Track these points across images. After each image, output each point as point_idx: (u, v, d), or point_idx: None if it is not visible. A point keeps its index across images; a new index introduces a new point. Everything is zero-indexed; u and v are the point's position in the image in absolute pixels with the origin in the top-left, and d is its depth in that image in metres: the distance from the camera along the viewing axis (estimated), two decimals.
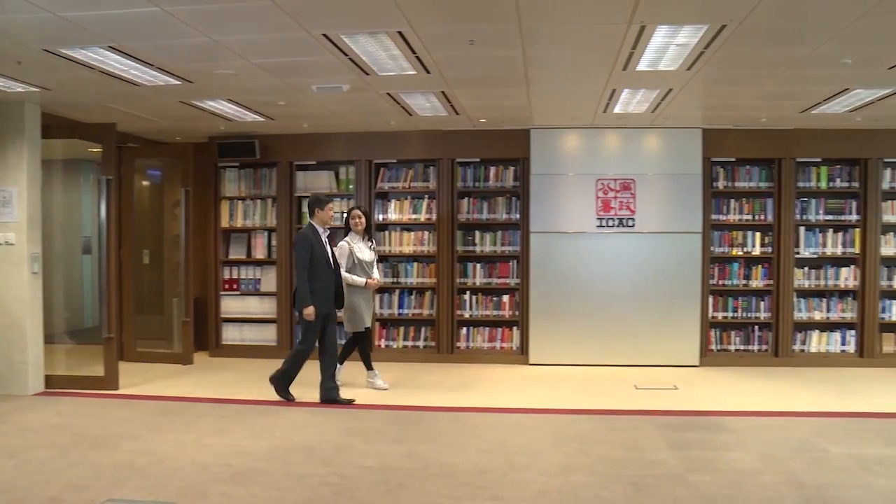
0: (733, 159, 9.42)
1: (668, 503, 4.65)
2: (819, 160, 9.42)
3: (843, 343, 9.45)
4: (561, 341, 9.23)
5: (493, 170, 9.56)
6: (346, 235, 7.75)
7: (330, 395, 7.22)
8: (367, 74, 6.40)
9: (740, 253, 9.42)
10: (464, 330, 9.58)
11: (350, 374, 7.92)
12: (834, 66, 6.12)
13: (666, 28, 5.12)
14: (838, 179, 9.44)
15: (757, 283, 9.42)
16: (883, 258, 9.35)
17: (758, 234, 9.42)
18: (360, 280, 7.59)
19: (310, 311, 7.02)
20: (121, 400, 7.40)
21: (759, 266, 9.43)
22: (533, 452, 5.68)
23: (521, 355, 9.41)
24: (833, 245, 9.43)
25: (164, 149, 10.22)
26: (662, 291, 9.18)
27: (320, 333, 7.25)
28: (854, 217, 9.40)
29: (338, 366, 7.63)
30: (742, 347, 9.44)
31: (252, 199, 9.93)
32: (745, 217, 9.42)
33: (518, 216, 9.49)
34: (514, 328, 9.53)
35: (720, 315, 9.44)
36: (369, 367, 7.86)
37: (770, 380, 8.43)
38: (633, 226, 9.20)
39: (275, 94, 7.29)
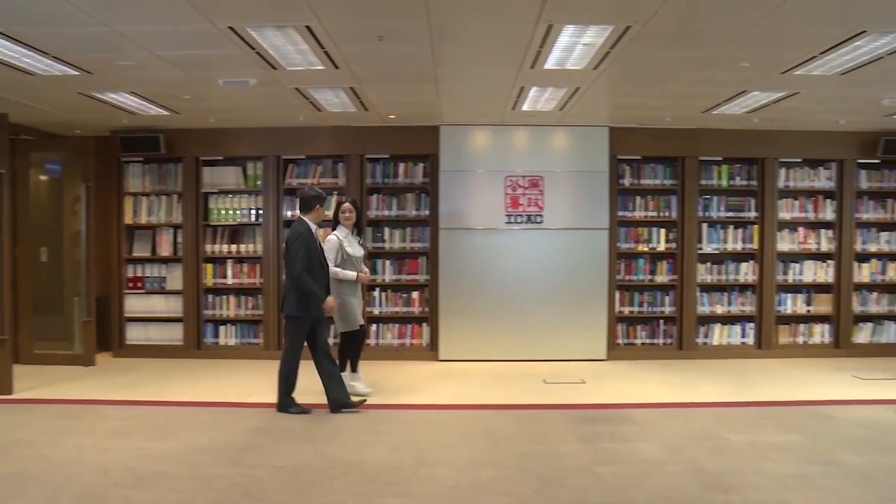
0: (639, 157, 9.64)
1: (576, 495, 4.71)
2: (720, 159, 9.73)
3: (743, 335, 9.79)
4: (471, 337, 9.29)
5: (402, 166, 9.54)
6: (334, 229, 7.34)
7: (341, 402, 6.77)
8: (275, 69, 6.31)
9: (646, 249, 9.65)
10: (373, 327, 9.53)
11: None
12: (733, 69, 6.33)
13: (573, 28, 5.20)
14: (738, 178, 9.77)
15: (662, 278, 9.66)
16: (779, 253, 9.73)
17: (662, 231, 9.67)
18: (351, 274, 7.18)
19: (331, 304, 6.85)
20: (15, 405, 7.08)
21: (664, 261, 9.68)
22: (443, 448, 5.70)
23: (431, 351, 9.43)
24: (734, 241, 9.74)
25: (64, 142, 9.83)
26: (570, 287, 9.32)
27: (311, 337, 6.79)
28: (753, 214, 9.75)
29: (351, 373, 7.40)
30: (648, 341, 9.67)
31: (157, 195, 9.66)
32: (650, 214, 9.64)
33: (427, 213, 9.50)
34: (424, 325, 9.54)
35: (627, 310, 9.65)
36: (354, 370, 7.49)
37: (674, 372, 8.66)
38: (541, 222, 9.31)
39: (180, 88, 7.11)
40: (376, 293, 9.50)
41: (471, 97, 7.76)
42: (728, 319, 9.81)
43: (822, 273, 9.86)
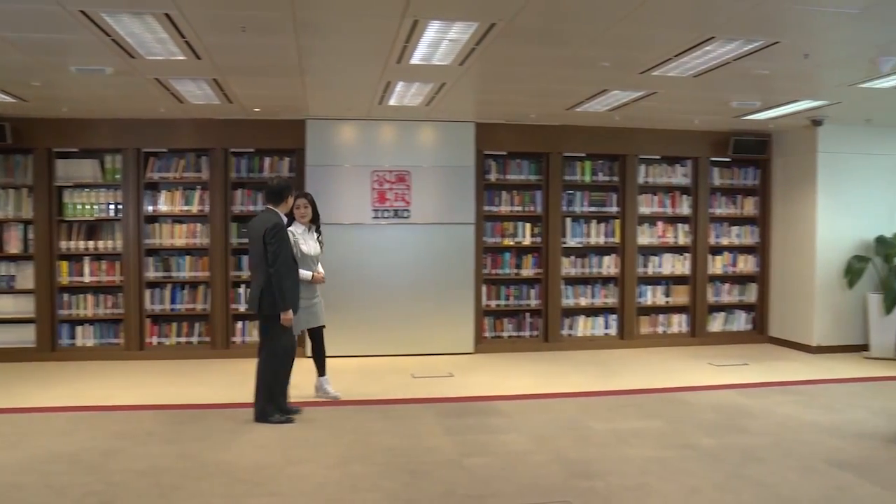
0: (505, 153, 9.80)
1: (444, 488, 4.75)
2: (584, 155, 10.01)
3: (607, 326, 10.12)
4: (338, 333, 9.12)
5: (268, 160, 9.35)
6: (289, 225, 6.75)
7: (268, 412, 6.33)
8: (133, 57, 6.05)
9: (511, 243, 9.82)
10: (239, 324, 9.33)
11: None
12: (594, 68, 6.51)
13: (438, 23, 5.21)
14: (601, 174, 10.08)
15: (527, 271, 9.86)
16: (639, 247, 10.11)
17: (528, 225, 9.86)
18: (306, 274, 6.71)
19: (289, 317, 6.17)
20: None
21: (529, 255, 9.88)
22: (311, 445, 5.64)
23: (298, 347, 9.26)
24: (596, 235, 10.04)
25: None
26: (438, 281, 9.39)
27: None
28: (615, 209, 10.09)
29: (319, 377, 7.15)
30: (514, 334, 9.85)
31: (4, 189, 9.08)
32: (515, 208, 9.82)
33: None
34: None
35: (493, 303, 9.80)
36: (322, 373, 7.17)
37: (541, 364, 8.86)
38: (408, 217, 9.33)
39: (28, 74, 6.69)
40: (241, 290, 9.28)
41: (337, 91, 7.68)
42: (592, 311, 10.12)
43: (679, 265, 10.32)
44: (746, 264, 10.57)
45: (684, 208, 10.31)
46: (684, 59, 6.07)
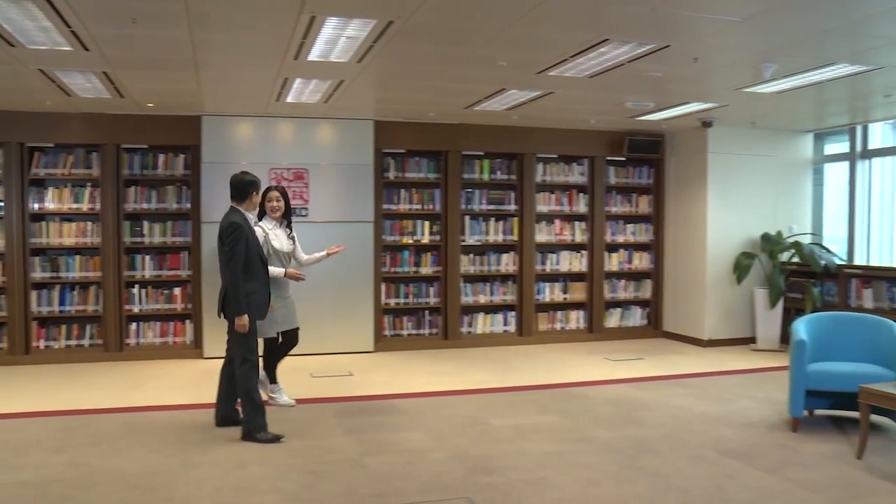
0: (403, 151, 9.79)
1: (344, 488, 4.71)
2: (482, 154, 10.09)
3: (506, 323, 10.23)
4: None
5: (162, 157, 9.09)
6: (260, 220, 6.58)
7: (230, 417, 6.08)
8: (13, 46, 5.74)
9: (411, 241, 9.82)
10: (133, 325, 9.04)
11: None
12: (492, 68, 6.56)
13: (336, 20, 5.16)
14: (499, 172, 10.18)
15: (426, 269, 9.88)
16: (537, 245, 10.25)
17: (427, 223, 9.88)
18: (278, 270, 6.42)
19: (243, 322, 5.66)
20: None
21: (429, 253, 9.90)
22: (209, 448, 5.50)
23: (196, 349, 9.09)
24: (495, 233, 10.14)
25: None
26: (337, 280, 9.30)
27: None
28: (513, 207, 10.21)
29: (271, 384, 6.80)
30: (414, 332, 9.86)
31: None
32: (414, 206, 9.83)
33: (189, 206, 9.13)
34: (188, 322, 9.17)
35: (393, 301, 9.78)
36: (273, 380, 6.85)
37: (440, 361, 8.89)
38: (306, 215, 9.21)
39: None
40: (135, 290, 9.01)
41: (233, 87, 7.52)
42: (491, 308, 10.22)
43: (576, 263, 10.51)
44: (641, 261, 10.86)
45: (581, 206, 10.51)
46: (580, 59, 6.18)
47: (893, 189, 9.70)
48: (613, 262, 10.72)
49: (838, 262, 9.51)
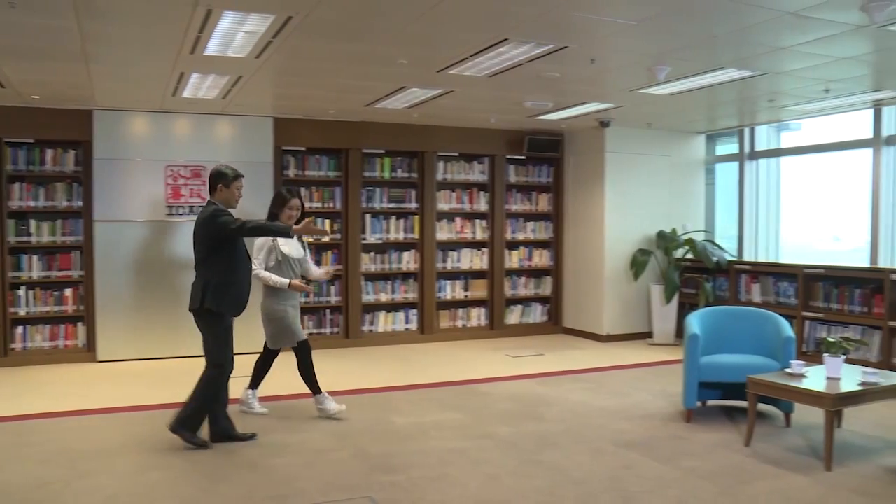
0: (304, 149, 9.68)
1: (245, 490, 4.63)
2: (383, 151, 10.06)
3: (407, 321, 10.23)
4: (133, 335, 8.78)
5: (50, 152, 8.70)
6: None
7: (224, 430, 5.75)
8: None
9: (311, 239, 9.68)
10: (20, 329, 8.65)
11: None
12: (392, 65, 6.55)
13: (233, 14, 5.06)
14: (400, 170, 10.17)
15: (327, 268, 9.77)
16: (438, 242, 10.29)
17: (328, 221, 9.80)
18: (282, 281, 6.10)
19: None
20: None
21: (329, 252, 9.82)
22: (102, 456, 5.32)
23: (89, 352, 8.78)
24: (396, 231, 10.13)
25: None
26: None
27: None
28: (414, 205, 10.22)
29: (251, 390, 6.57)
30: (315, 331, 9.76)
31: None
32: (315, 205, 9.73)
33: (80, 203, 8.78)
34: (80, 324, 8.84)
35: None
36: (255, 386, 6.61)
37: (342, 360, 8.83)
38: None
39: None
40: (21, 292, 8.63)
41: (127, 80, 7.27)
42: (392, 307, 10.21)
43: (477, 260, 10.60)
44: (541, 258, 11.04)
45: (482, 204, 10.61)
46: (480, 59, 6.23)
47: (778, 189, 10.13)
48: (514, 259, 10.86)
49: (729, 258, 9.87)
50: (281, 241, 6.21)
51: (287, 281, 6.17)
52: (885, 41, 5.71)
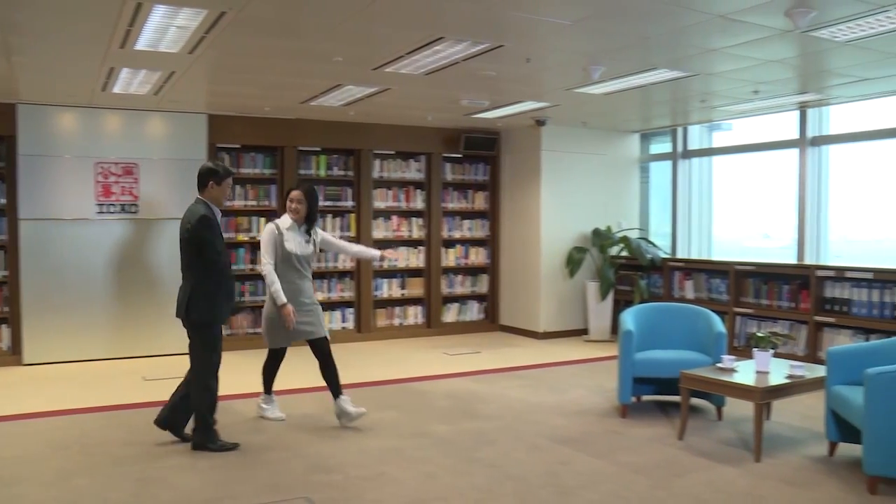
0: (238, 146, 9.55)
1: (178, 494, 4.55)
2: (319, 149, 9.98)
3: (344, 320, 10.18)
4: (62, 337, 8.55)
5: None
6: (280, 218, 6.07)
7: (176, 423, 5.66)
8: None
9: (246, 238, 9.60)
10: None
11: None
12: (328, 63, 6.50)
13: (164, 8, 4.95)
14: (336, 168, 10.11)
15: (261, 266, 9.65)
16: (375, 241, 10.24)
17: (262, 220, 9.67)
18: (281, 298, 5.81)
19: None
20: None
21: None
22: (27, 462, 5.16)
23: (14, 355, 8.51)
24: (332, 229, 10.06)
25: None
26: (171, 278, 8.90)
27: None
28: (350, 203, 10.16)
29: (265, 395, 6.32)
30: (251, 331, 9.63)
31: None
32: (250, 203, 9.61)
33: (4, 201, 8.50)
34: (4, 326, 8.58)
35: None
36: (269, 391, 6.35)
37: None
38: (136, 212, 8.83)
39: None
40: None
41: (54, 74, 7.04)
42: (328, 306, 10.13)
43: (414, 259, 10.59)
44: (478, 256, 11.07)
45: (418, 203, 10.60)
46: (415, 57, 6.22)
47: (710, 187, 10.34)
48: (450, 257, 10.87)
49: (663, 255, 10.03)
50: (286, 236, 5.93)
51: (284, 300, 5.83)
52: (809, 46, 5.88)
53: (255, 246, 9.61)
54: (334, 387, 6.04)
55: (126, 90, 7.58)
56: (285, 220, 6.02)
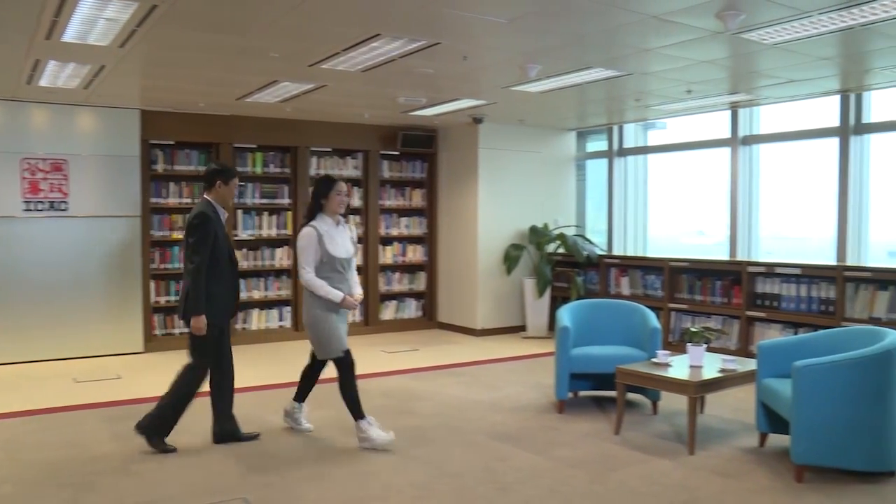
0: (172, 142, 9.38)
1: (112, 498, 4.46)
2: (255, 146, 9.86)
3: (281, 319, 10.08)
4: None
5: None
6: (311, 218, 5.54)
7: (227, 431, 5.56)
8: None
9: (181, 236, 9.42)
10: None
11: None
12: (264, 59, 6.42)
13: None
14: (272, 165, 10.00)
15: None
16: None
17: None
18: (335, 293, 5.36)
19: (200, 325, 5.25)
20: None
21: None
22: None
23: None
24: (269, 227, 9.97)
25: None
26: (102, 278, 8.79)
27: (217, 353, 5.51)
28: (287, 201, 10.06)
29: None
30: (186, 330, 9.41)
31: None
32: (185, 200, 9.44)
33: None
34: None
35: (163, 299, 9.36)
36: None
37: None
38: (66, 209, 8.60)
39: None
40: None
41: None
42: (266, 304, 10.03)
43: None
44: (415, 254, 11.07)
45: (355, 200, 10.54)
46: (352, 53, 6.18)
47: (646, 185, 10.50)
48: (388, 255, 10.85)
49: (599, 252, 10.15)
50: (326, 238, 5.42)
51: (340, 294, 5.40)
52: (740, 47, 6.01)
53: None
54: (304, 391, 5.97)
55: (53, 83, 7.37)
56: (323, 221, 5.51)
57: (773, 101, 8.37)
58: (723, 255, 9.14)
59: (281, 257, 10.05)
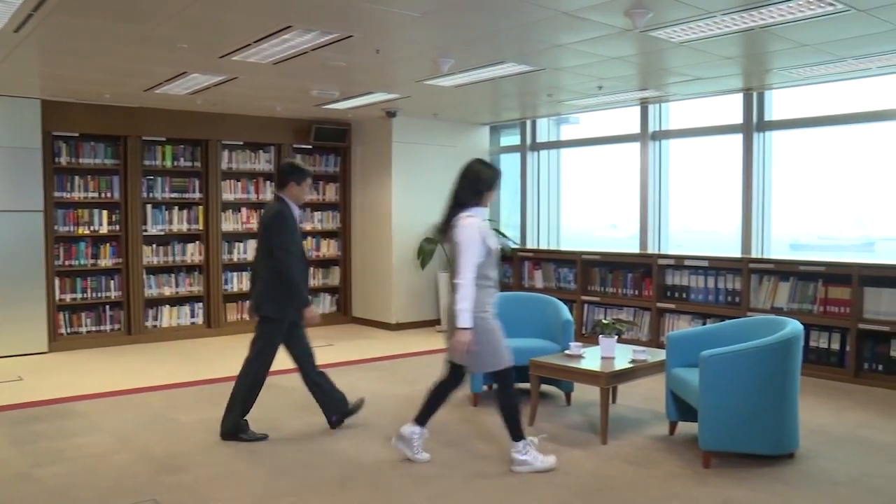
0: (77, 134, 9.08)
1: None
2: (164, 139, 9.62)
3: (193, 315, 9.89)
4: None
5: None
6: (470, 210, 4.80)
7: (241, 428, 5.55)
8: None
9: (87, 231, 9.16)
10: None
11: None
12: (172, 49, 6.26)
13: None
14: (182, 159, 9.78)
15: (106, 261, 9.28)
16: (224, 234, 10.00)
17: (105, 212, 9.27)
18: (465, 316, 4.58)
19: (311, 314, 5.53)
20: None
21: (108, 244, 9.30)
22: None
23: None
24: (179, 222, 9.75)
25: None
26: (1, 276, 8.45)
27: (289, 346, 5.67)
28: (198, 195, 9.86)
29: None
30: (94, 328, 9.23)
31: None
32: (91, 194, 9.17)
33: None
34: None
35: (69, 297, 9.08)
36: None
37: (124, 358, 8.42)
38: None
39: None
40: None
41: None
42: (177, 301, 9.82)
43: None
44: (329, 248, 10.99)
45: (268, 194, 10.39)
46: (263, 45, 6.08)
47: (559, 179, 10.65)
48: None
49: (513, 245, 10.25)
50: (486, 231, 4.76)
51: (468, 319, 4.59)
52: (648, 45, 6.14)
53: (96, 239, 9.19)
54: (428, 413, 5.10)
55: None
56: (479, 216, 4.85)
57: (681, 97, 8.59)
58: (634, 248, 9.33)
59: (192, 252, 9.84)
